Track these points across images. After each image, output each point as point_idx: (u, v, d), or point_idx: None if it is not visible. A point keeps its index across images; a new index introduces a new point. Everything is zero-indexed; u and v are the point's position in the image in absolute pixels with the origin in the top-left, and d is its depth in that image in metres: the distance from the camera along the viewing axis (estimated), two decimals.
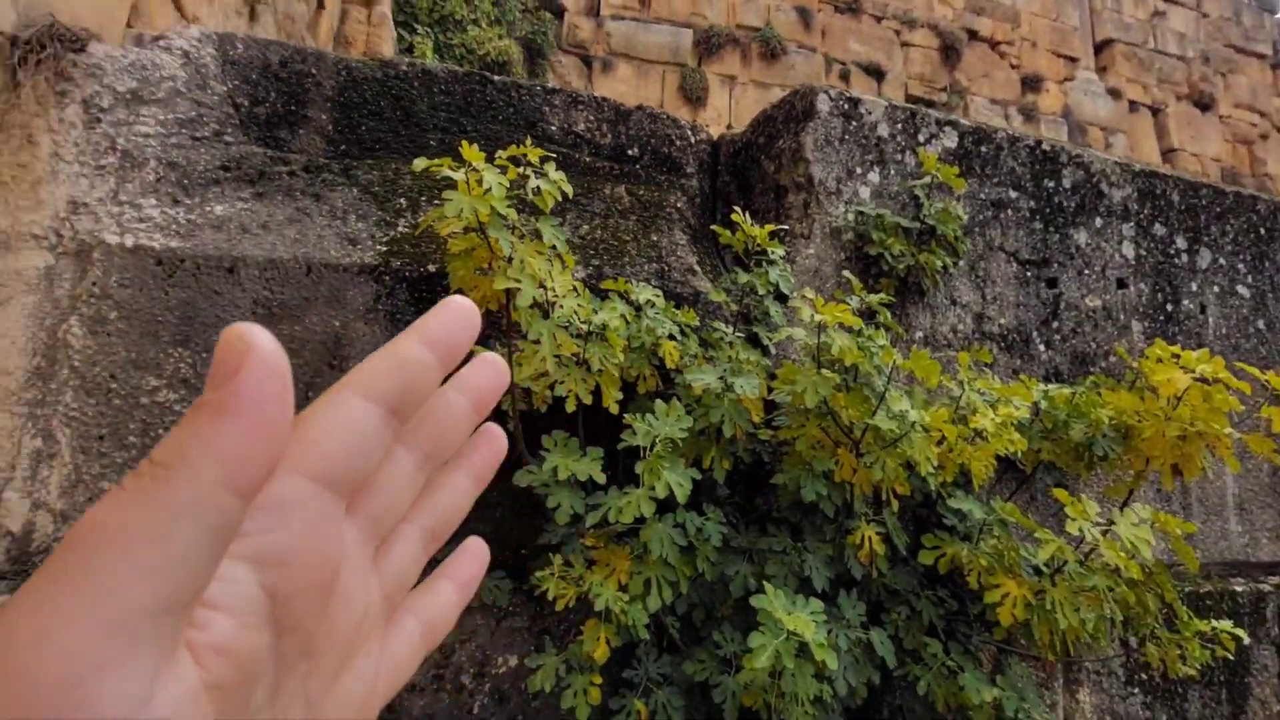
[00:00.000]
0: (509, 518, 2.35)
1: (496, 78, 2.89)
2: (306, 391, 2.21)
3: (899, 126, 2.98)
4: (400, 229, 2.44)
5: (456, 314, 0.28)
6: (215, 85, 2.42)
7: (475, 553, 0.34)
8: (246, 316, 2.21)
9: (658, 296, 2.10)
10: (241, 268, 2.22)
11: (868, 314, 2.21)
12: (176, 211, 2.22)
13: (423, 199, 2.54)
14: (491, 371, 0.32)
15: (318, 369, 2.23)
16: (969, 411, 1.81)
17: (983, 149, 3.07)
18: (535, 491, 1.82)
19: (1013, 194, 3.10)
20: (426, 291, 2.37)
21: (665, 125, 3.04)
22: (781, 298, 2.63)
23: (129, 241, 2.12)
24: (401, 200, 2.50)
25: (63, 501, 1.98)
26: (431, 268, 2.40)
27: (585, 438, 2.08)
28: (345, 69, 2.66)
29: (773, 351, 2.50)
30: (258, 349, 0.21)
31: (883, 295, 2.05)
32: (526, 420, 2.34)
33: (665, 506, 1.73)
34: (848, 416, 1.75)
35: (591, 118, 3.00)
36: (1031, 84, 14.07)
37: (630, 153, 2.99)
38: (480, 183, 1.68)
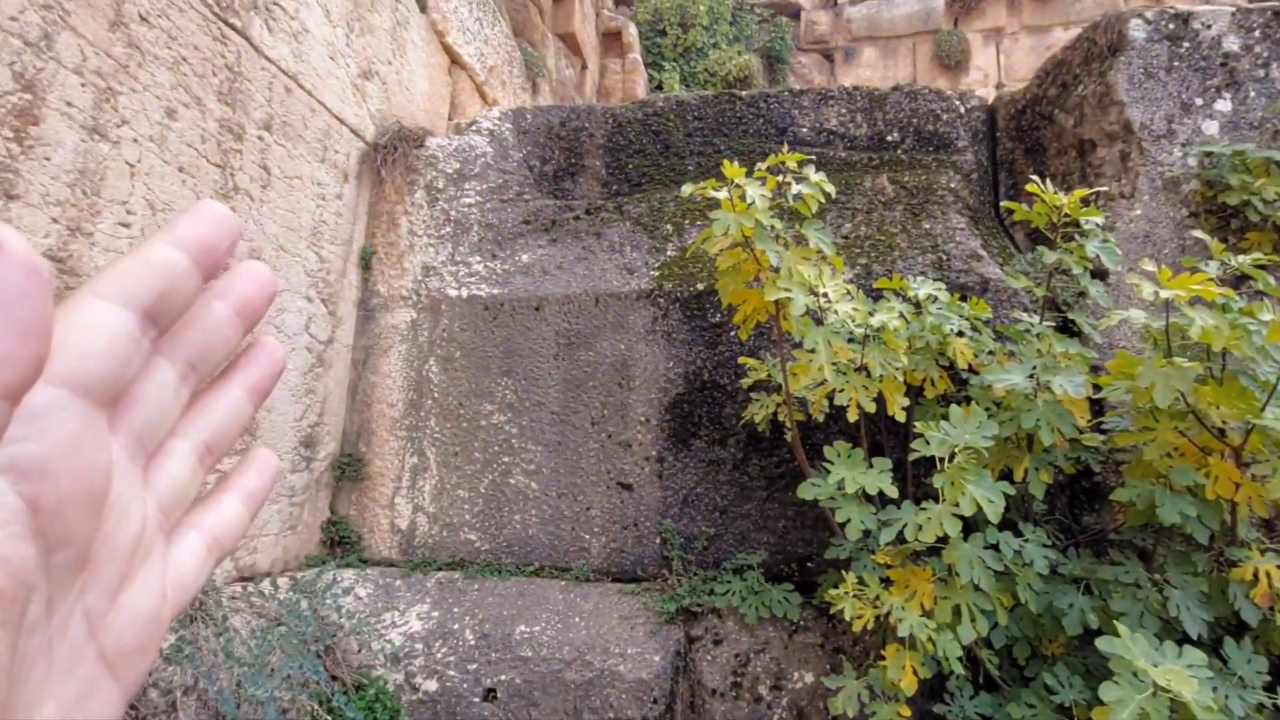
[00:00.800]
0: (792, 530, 2.33)
1: (743, 93, 2.93)
2: (603, 409, 2.48)
3: (1256, 35, 2.30)
4: (669, 253, 2.61)
5: (209, 215, 0.26)
6: (513, 154, 2.87)
7: (263, 465, 0.30)
8: (551, 347, 2.55)
9: (939, 290, 1.91)
10: (545, 305, 2.59)
11: (1235, 281, 1.73)
12: (495, 264, 2.68)
13: (686, 222, 2.68)
14: (257, 278, 0.29)
15: (610, 389, 2.48)
16: None
17: None
18: (820, 505, 1.77)
19: None
20: (697, 310, 2.49)
21: (927, 101, 2.78)
22: (1102, 274, 2.20)
23: (464, 293, 2.62)
24: (668, 226, 2.67)
25: (433, 506, 2.50)
26: (700, 286, 2.51)
27: (869, 448, 1.97)
28: (611, 116, 2.95)
29: (1096, 340, 2.10)
30: (8, 247, 0.20)
31: (1256, 255, 1.59)
32: (804, 430, 2.31)
33: (970, 525, 1.55)
34: (1219, 416, 1.38)
35: (843, 110, 2.87)
36: None
37: (889, 138, 2.79)
38: (743, 197, 1.71)
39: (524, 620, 2.21)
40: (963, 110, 2.72)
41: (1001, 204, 2.34)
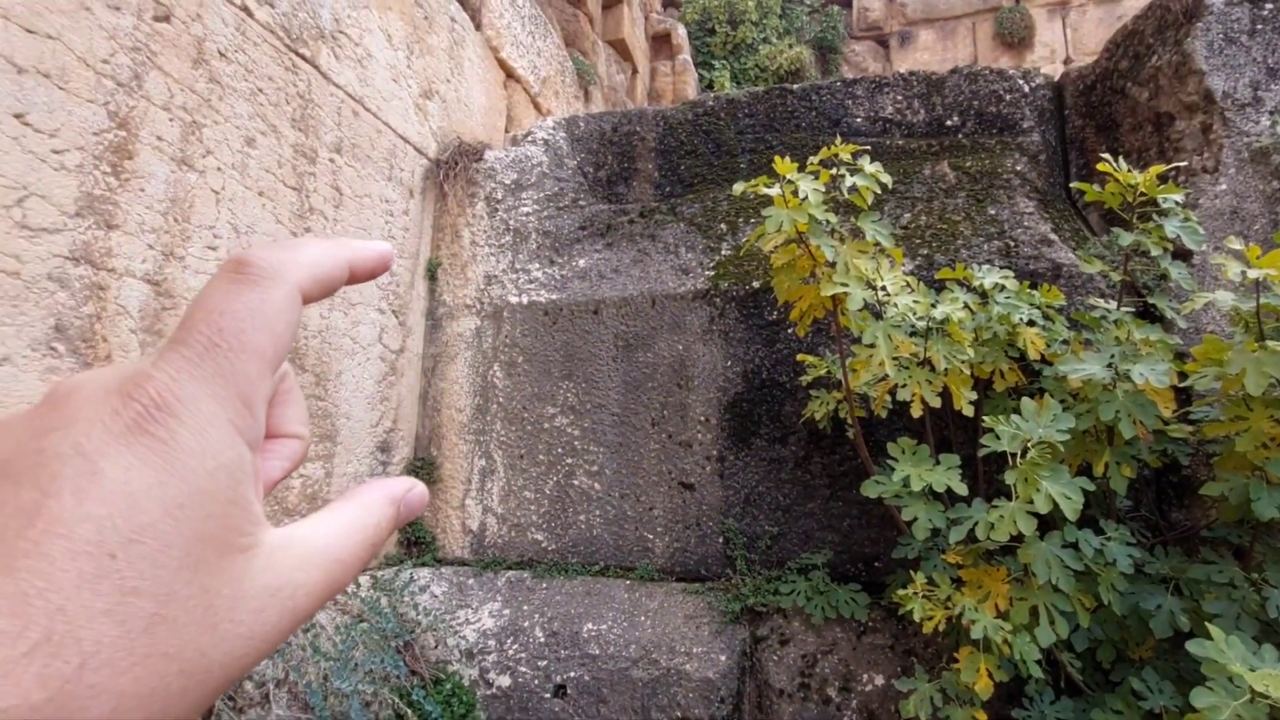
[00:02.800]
0: (857, 529, 2.29)
1: (794, 86, 2.89)
2: (663, 410, 2.50)
3: None
4: (724, 252, 2.61)
5: (381, 265, 0.29)
6: (568, 161, 2.93)
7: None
8: (610, 349, 2.59)
9: (1006, 278, 1.84)
10: (603, 308, 2.63)
11: None
12: (553, 270, 2.74)
13: (740, 220, 2.67)
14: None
15: (669, 390, 2.50)
16: None
17: None
18: (885, 503, 1.73)
19: None
20: (753, 308, 2.48)
21: (988, 81, 2.67)
22: (1184, 255, 2.07)
23: (525, 300, 2.69)
24: (722, 225, 2.67)
25: (501, 507, 2.58)
26: (756, 284, 2.50)
27: (936, 444, 1.92)
28: (662, 119, 2.96)
29: (1180, 325, 1.98)
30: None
31: None
32: (866, 427, 2.26)
33: (1046, 523, 1.49)
34: None
35: (899, 97, 2.79)
36: None
37: (949, 123, 2.70)
38: (796, 193, 1.69)
39: (591, 619, 2.25)
40: (1027, 89, 2.61)
41: (1072, 185, 2.23)
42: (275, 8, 2.04)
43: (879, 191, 1.74)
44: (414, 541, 2.61)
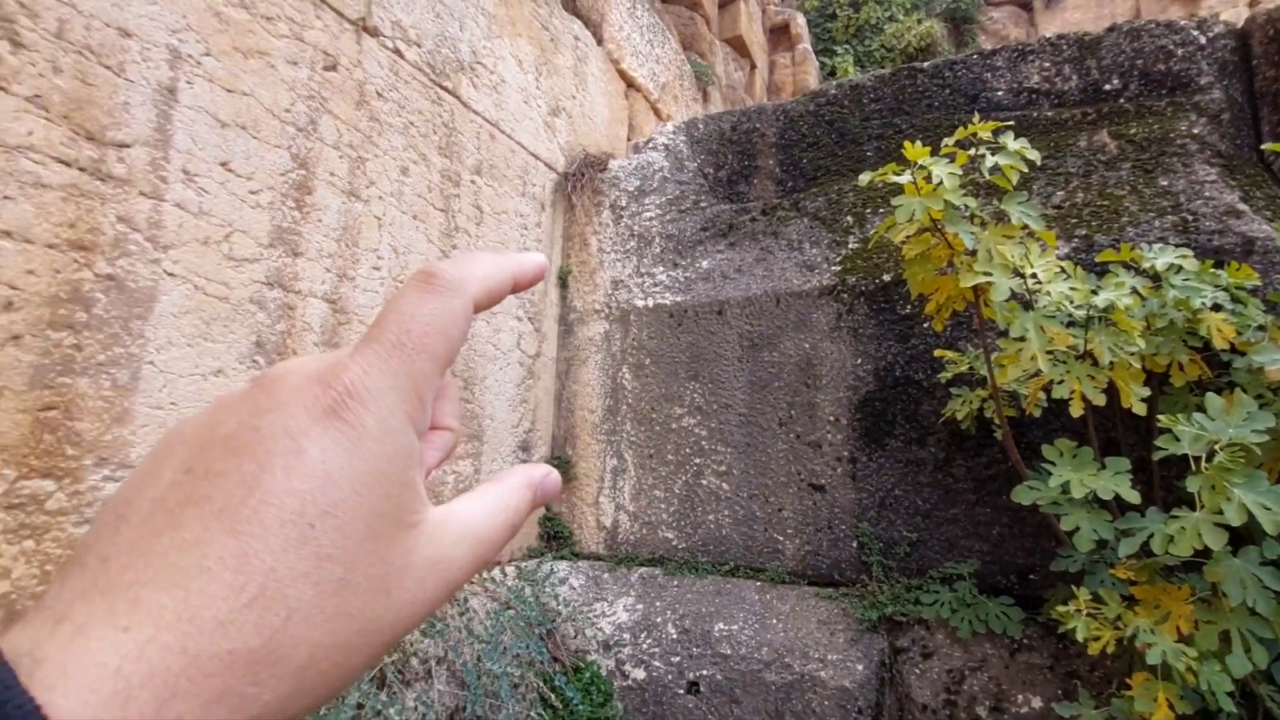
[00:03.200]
0: (1008, 538, 2.12)
1: (924, 64, 2.73)
2: (790, 409, 2.46)
3: None
4: (851, 246, 2.52)
5: (538, 275, 0.32)
6: (688, 164, 2.97)
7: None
8: (735, 349, 2.59)
9: (1184, 257, 1.63)
10: (727, 309, 2.64)
11: None
12: (676, 273, 2.79)
13: (867, 211, 2.57)
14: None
15: (796, 389, 2.46)
16: None
17: None
18: (1041, 511, 1.60)
19: None
20: (884, 302, 2.37)
21: (1154, 36, 2.37)
22: None
23: (650, 303, 2.76)
24: (848, 218, 2.58)
25: (633, 505, 2.66)
26: (886, 277, 2.39)
27: (1101, 446, 1.74)
28: (782, 113, 2.91)
29: None
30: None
31: None
32: (1017, 427, 2.09)
33: (1240, 536, 1.31)
34: None
35: (1046, 65, 2.55)
36: None
37: (1108, 87, 2.42)
38: (928, 179, 1.61)
39: (722, 618, 2.27)
40: (1203, 40, 2.29)
41: (1264, 147, 1.92)
42: (422, 47, 2.24)
43: (1025, 170, 1.61)
44: (553, 536, 2.76)
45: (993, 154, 1.63)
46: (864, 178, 1.69)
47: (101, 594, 0.20)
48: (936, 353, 2.13)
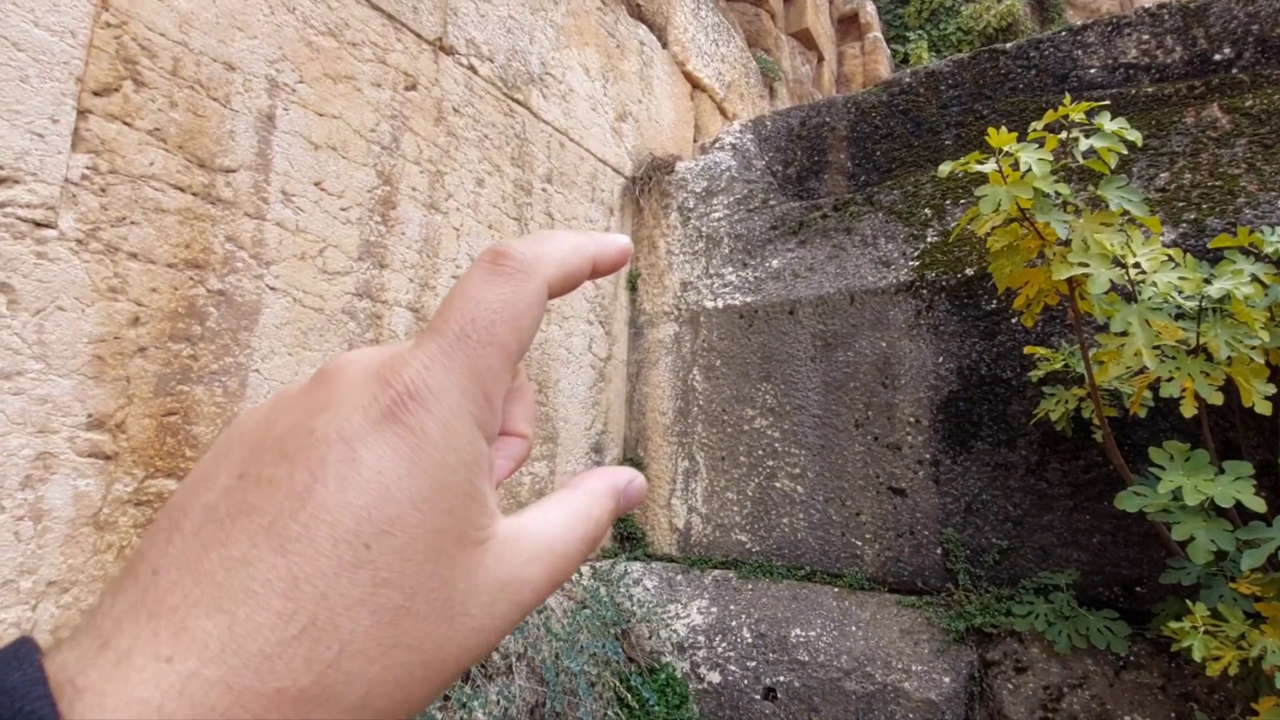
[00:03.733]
0: (1110, 547, 1.98)
1: (1005, 45, 2.59)
2: (866, 410, 2.39)
3: None
4: (929, 240, 2.42)
5: (621, 258, 0.28)
6: (756, 162, 2.93)
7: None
8: (808, 349, 2.54)
9: None
10: (799, 308, 2.59)
11: None
12: (746, 273, 2.76)
13: (946, 202, 2.46)
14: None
15: (873, 390, 2.38)
16: None
17: None
18: (1149, 518, 1.49)
19: None
20: (967, 298, 2.26)
21: None
22: None
23: (720, 304, 2.74)
24: (925, 211, 2.48)
25: (705, 507, 2.65)
26: (969, 271, 2.28)
27: (1218, 448, 1.60)
28: (853, 105, 2.83)
29: None
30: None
31: None
32: (1119, 428, 1.95)
33: None
34: None
35: (1145, 37, 2.37)
36: None
37: (1217, 57, 2.23)
38: (1015, 166, 1.53)
39: (798, 624, 2.22)
40: None
41: None
42: (494, 62, 2.32)
43: (1125, 152, 1.51)
44: (626, 536, 2.78)
45: (1087, 137, 1.54)
46: (944, 168, 1.63)
47: (149, 615, 0.19)
48: (1026, 349, 2.02)
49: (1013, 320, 2.18)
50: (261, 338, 1.55)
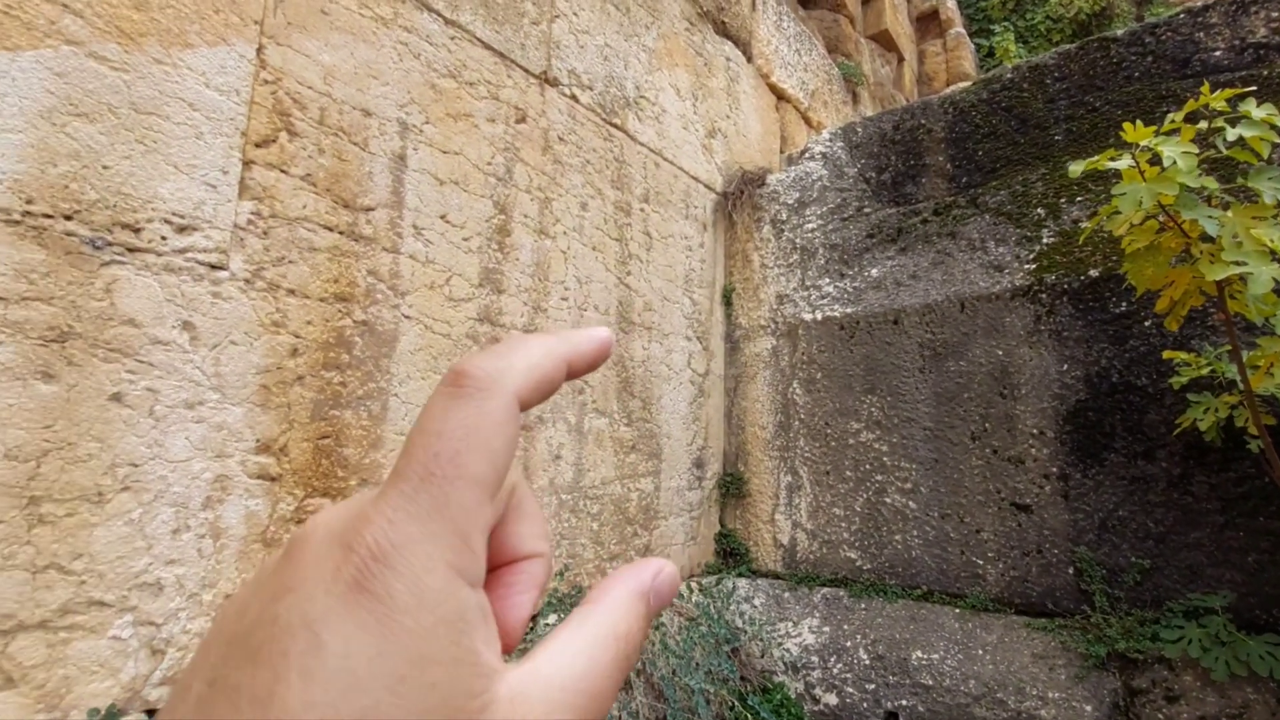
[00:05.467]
0: (1270, 566, 1.80)
1: (1117, 33, 2.45)
2: (983, 422, 2.29)
3: None
4: (1045, 241, 2.31)
5: (600, 354, 0.26)
6: (848, 170, 2.89)
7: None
8: (915, 360, 2.46)
9: None
10: (903, 317, 2.52)
11: None
12: (844, 283, 2.71)
13: (1061, 200, 2.34)
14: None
15: (989, 400, 2.28)
16: None
17: None
18: None
19: None
20: (1093, 300, 2.14)
21: None
22: None
23: (818, 316, 2.71)
24: (1038, 210, 2.37)
25: (810, 523, 2.60)
26: (1094, 273, 2.16)
27: None
28: (950, 106, 2.75)
29: None
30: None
31: None
32: (1277, 438, 1.79)
33: None
34: None
35: (1275, 14, 2.19)
36: None
37: None
38: (1153, 161, 1.44)
39: (919, 646, 2.14)
40: None
41: None
42: (593, 90, 2.39)
43: (1278, 140, 1.40)
44: (729, 552, 2.77)
45: (1232, 125, 1.44)
46: (1074, 168, 1.55)
47: None
48: (1165, 354, 1.89)
49: (1146, 324, 2.04)
50: (399, 363, 1.65)
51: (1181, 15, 2.40)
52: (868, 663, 2.17)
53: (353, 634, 0.18)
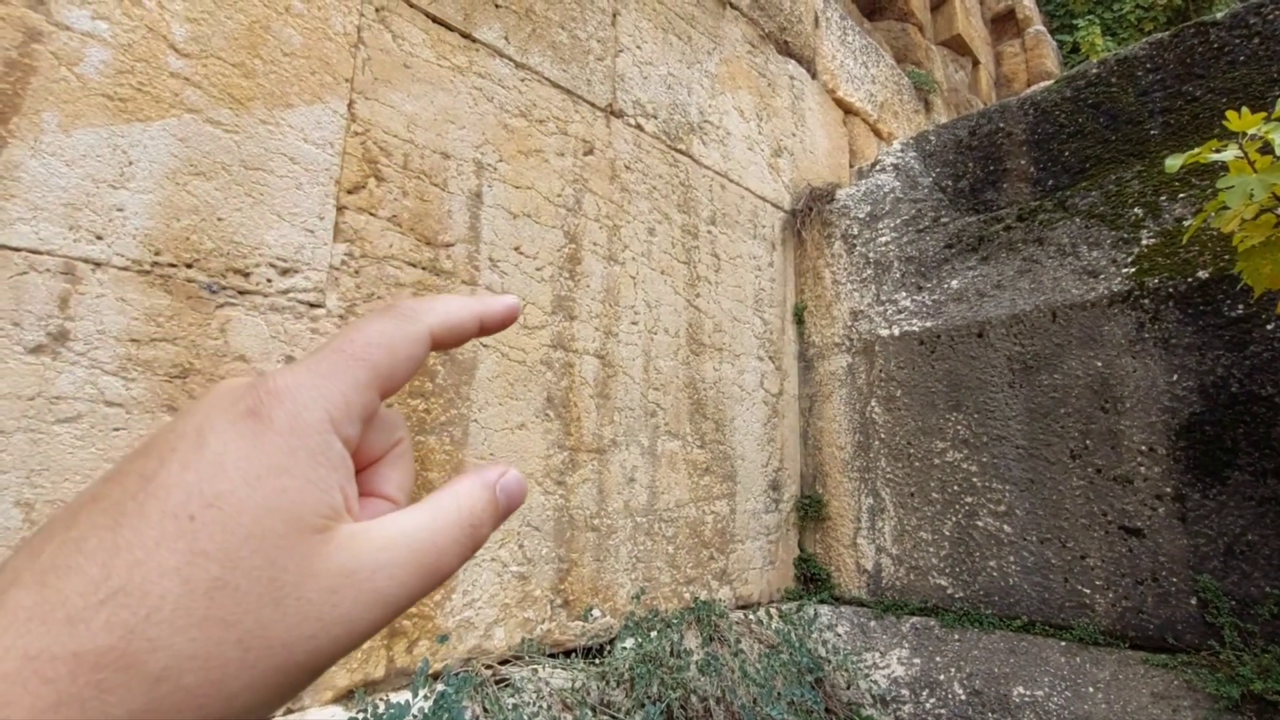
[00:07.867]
0: None
1: (1216, 16, 2.28)
2: (1083, 439, 2.13)
3: None
4: (1145, 242, 2.15)
5: (508, 316, 0.30)
6: (921, 180, 2.80)
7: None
8: (1002, 374, 2.34)
9: None
10: (988, 329, 2.40)
11: None
12: (922, 296, 2.61)
13: (1161, 198, 2.18)
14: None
15: (1089, 415, 2.13)
16: None
17: None
18: None
19: None
20: (1204, 305, 1.97)
21: None
22: None
23: (895, 331, 2.62)
24: (1135, 210, 2.21)
25: (895, 548, 2.49)
26: (1203, 274, 1.99)
27: None
28: (1031, 106, 2.62)
29: None
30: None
31: None
32: None
33: None
34: None
35: None
36: None
37: None
38: (1264, 150, 1.33)
39: (1020, 681, 2.00)
40: None
41: None
42: (657, 118, 2.44)
43: None
44: (810, 578, 2.68)
45: None
46: (1172, 162, 1.45)
47: None
48: None
49: (1268, 327, 1.86)
50: (478, 390, 1.72)
51: None
52: (964, 698, 2.04)
53: (231, 439, 0.21)
